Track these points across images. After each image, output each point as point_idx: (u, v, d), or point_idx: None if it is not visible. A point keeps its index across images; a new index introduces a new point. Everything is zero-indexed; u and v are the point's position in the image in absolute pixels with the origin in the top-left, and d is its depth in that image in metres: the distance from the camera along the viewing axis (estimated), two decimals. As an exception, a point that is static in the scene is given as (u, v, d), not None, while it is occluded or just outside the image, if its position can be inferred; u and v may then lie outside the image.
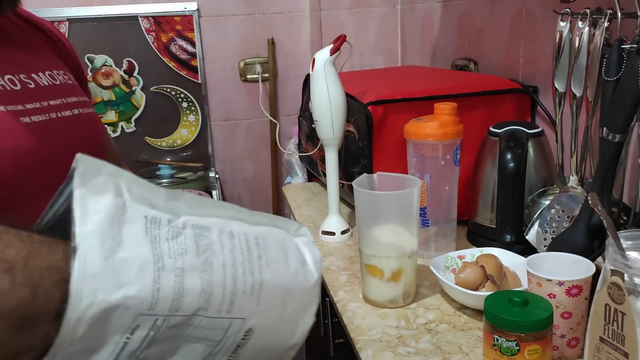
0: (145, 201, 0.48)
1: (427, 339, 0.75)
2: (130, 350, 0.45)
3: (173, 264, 0.46)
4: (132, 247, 0.45)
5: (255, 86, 2.02)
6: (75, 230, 0.42)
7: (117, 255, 0.44)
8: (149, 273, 0.45)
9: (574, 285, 0.66)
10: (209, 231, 0.50)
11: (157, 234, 0.46)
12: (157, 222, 0.47)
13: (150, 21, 1.90)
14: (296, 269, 0.57)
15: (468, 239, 1.06)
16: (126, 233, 0.45)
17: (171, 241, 0.47)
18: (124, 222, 0.45)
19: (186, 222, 0.49)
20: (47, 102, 0.68)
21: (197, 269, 0.48)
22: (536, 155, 0.97)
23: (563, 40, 0.89)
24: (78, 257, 0.41)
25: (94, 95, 1.91)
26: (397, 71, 1.54)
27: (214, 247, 0.50)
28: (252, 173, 2.12)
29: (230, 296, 0.50)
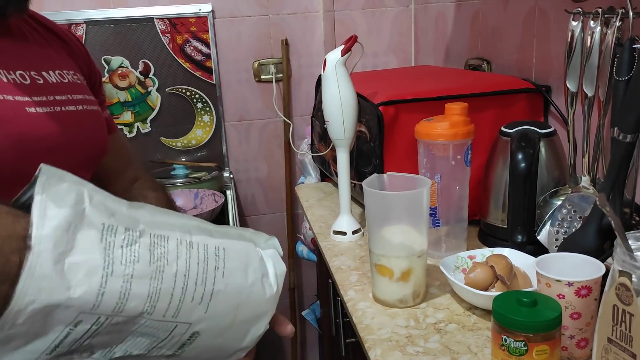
0: (105, 209, 0.51)
1: (436, 339, 0.75)
2: (73, 339, 0.49)
3: (123, 270, 0.49)
4: (84, 252, 0.48)
5: (269, 86, 2.03)
6: (32, 233, 0.45)
7: (68, 259, 0.47)
8: (96, 278, 0.48)
9: (583, 285, 0.66)
10: (166, 241, 0.53)
11: (112, 241, 0.49)
12: (113, 230, 0.50)
13: (166, 23, 1.92)
14: (253, 282, 0.60)
15: (479, 239, 1.06)
16: (81, 238, 0.48)
17: (125, 248, 0.50)
18: (80, 228, 0.48)
19: (144, 230, 0.52)
20: (54, 97, 0.73)
21: (147, 277, 0.51)
22: (548, 155, 0.97)
23: (575, 39, 0.88)
24: (30, 257, 0.45)
25: (110, 97, 1.94)
26: (410, 71, 1.54)
27: (169, 257, 0.53)
28: (266, 173, 2.13)
29: (177, 303, 0.53)
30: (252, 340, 0.61)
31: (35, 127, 0.69)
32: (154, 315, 0.52)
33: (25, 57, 0.74)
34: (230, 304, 0.58)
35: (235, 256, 0.59)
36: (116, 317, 0.49)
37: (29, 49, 0.76)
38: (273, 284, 0.62)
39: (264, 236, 0.66)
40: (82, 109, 0.77)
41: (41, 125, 0.70)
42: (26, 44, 0.76)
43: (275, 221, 2.18)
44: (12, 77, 0.69)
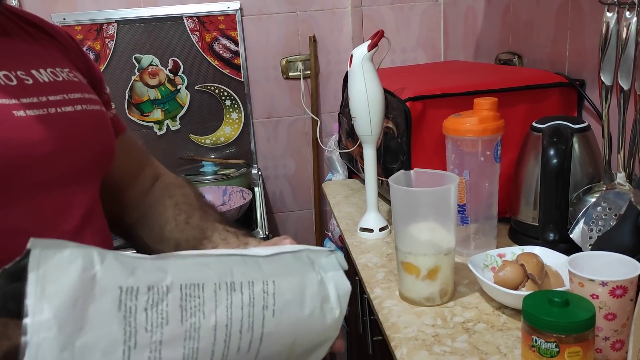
0: (121, 268, 0.43)
1: (464, 339, 0.74)
2: None
3: (149, 338, 0.42)
4: (98, 327, 0.40)
5: (297, 83, 2.03)
6: (27, 322, 0.38)
7: (78, 341, 0.39)
8: (116, 355, 0.41)
9: (618, 285, 0.64)
10: (201, 289, 0.46)
11: (132, 305, 0.42)
12: (133, 291, 0.43)
13: (195, 21, 1.93)
14: (312, 311, 0.54)
15: (510, 237, 1.03)
16: (93, 312, 0.40)
17: (150, 311, 0.43)
18: (91, 299, 0.41)
19: (172, 284, 0.45)
20: (46, 97, 0.66)
21: (179, 339, 0.44)
22: (582, 151, 0.94)
23: (610, 31, 0.85)
24: (29, 352, 0.37)
25: (140, 95, 1.96)
26: (438, 66, 1.52)
27: (205, 308, 0.46)
28: (294, 170, 2.13)
29: (220, 358, 0.47)
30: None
31: (25, 132, 0.61)
32: None
33: (9, 56, 0.66)
34: (285, 342, 0.52)
35: (288, 287, 0.52)
36: None
37: (14, 47, 0.68)
38: (335, 308, 0.56)
39: (324, 252, 0.58)
40: (81, 109, 0.70)
41: (32, 130, 0.62)
42: (9, 42, 0.68)
43: (303, 218, 2.19)
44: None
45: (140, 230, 0.83)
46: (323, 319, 0.55)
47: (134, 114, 1.99)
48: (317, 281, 0.55)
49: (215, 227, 0.78)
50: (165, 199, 0.83)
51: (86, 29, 1.88)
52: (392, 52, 1.94)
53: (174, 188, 0.85)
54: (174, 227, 0.79)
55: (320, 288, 0.55)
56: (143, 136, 2.00)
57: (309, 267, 0.56)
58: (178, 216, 0.80)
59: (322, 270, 0.56)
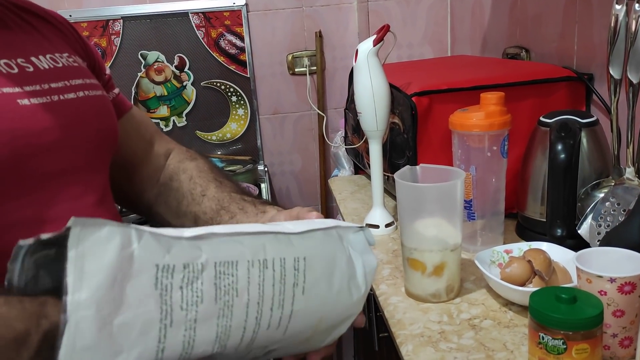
0: (158, 246, 0.43)
1: (471, 335, 0.73)
2: None
3: (184, 316, 0.43)
4: (135, 306, 0.41)
5: (303, 79, 2.03)
6: (67, 300, 0.38)
7: (116, 320, 0.40)
8: (153, 333, 0.42)
9: (626, 282, 0.63)
10: (235, 267, 0.47)
11: (168, 283, 0.43)
12: (169, 269, 0.43)
13: (200, 17, 1.93)
14: (339, 288, 0.54)
15: (517, 233, 1.02)
16: (130, 291, 0.41)
17: (185, 289, 0.43)
18: (129, 277, 0.41)
19: (207, 262, 0.45)
20: (48, 85, 0.65)
21: (213, 316, 0.45)
22: (590, 145, 0.93)
23: (619, 24, 0.84)
24: (67, 330, 0.38)
25: (147, 91, 1.97)
26: (445, 61, 1.50)
27: (238, 286, 0.46)
28: (301, 166, 2.12)
29: (251, 335, 0.48)
30: (331, 341, 0.57)
31: (31, 121, 0.61)
32: (226, 351, 0.47)
33: (9, 45, 0.65)
34: (312, 319, 0.53)
35: (318, 264, 0.52)
36: None
37: (12, 35, 0.67)
38: (361, 285, 0.56)
39: (353, 227, 0.58)
40: (83, 96, 0.69)
41: (37, 118, 0.61)
42: (7, 32, 0.67)
43: (310, 214, 2.18)
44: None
45: (159, 207, 0.84)
46: (349, 296, 0.55)
47: (140, 111, 1.99)
48: (345, 258, 0.55)
49: (232, 197, 0.79)
50: (179, 174, 0.84)
51: (92, 25, 1.88)
52: (398, 47, 1.93)
53: (187, 162, 0.85)
54: (191, 200, 0.81)
55: (348, 265, 0.55)
56: (149, 133, 2.00)
57: (338, 244, 0.56)
58: (194, 190, 0.81)
59: (350, 247, 0.57)
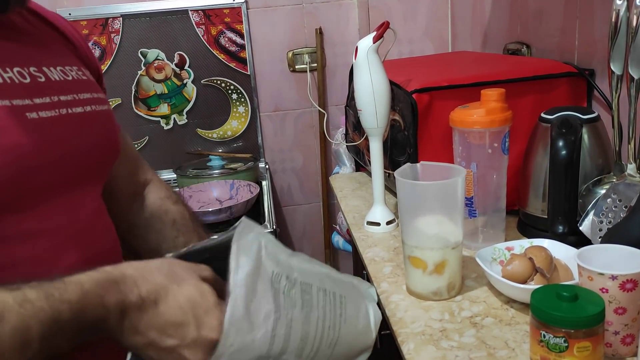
0: (274, 258, 0.57)
1: (472, 333, 0.73)
2: None
3: (285, 315, 0.55)
4: (262, 297, 0.54)
5: (303, 76, 2.02)
6: (230, 278, 0.53)
7: (252, 304, 0.53)
8: (270, 321, 0.54)
9: (628, 279, 0.63)
10: (311, 288, 0.59)
11: (277, 287, 0.56)
12: (278, 277, 0.56)
13: (200, 14, 1.93)
14: (363, 329, 0.66)
15: (518, 230, 1.02)
16: (259, 285, 0.54)
17: (286, 295, 0.56)
18: (259, 275, 0.55)
19: (297, 278, 0.58)
20: (58, 97, 0.65)
21: (300, 321, 0.57)
22: (591, 141, 0.93)
23: (620, 19, 0.84)
24: (231, 301, 0.52)
25: (147, 89, 1.96)
26: (446, 57, 1.50)
27: (313, 303, 0.59)
28: (302, 163, 2.12)
29: (317, 345, 0.59)
30: None
31: (38, 136, 0.60)
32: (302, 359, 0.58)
33: (22, 53, 0.65)
34: (347, 348, 0.64)
35: (351, 305, 0.64)
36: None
37: (25, 43, 0.67)
38: (372, 331, 0.67)
39: (365, 284, 0.73)
40: (90, 110, 0.69)
41: (45, 133, 0.61)
42: (21, 38, 0.67)
43: (311, 212, 2.18)
44: (8, 75, 0.60)
45: (134, 241, 0.84)
46: (366, 338, 0.67)
47: (140, 109, 1.99)
48: (365, 305, 0.68)
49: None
50: (162, 215, 0.84)
51: (92, 23, 1.88)
52: (399, 43, 1.92)
53: (169, 203, 0.85)
54: (172, 247, 0.81)
55: (366, 312, 0.67)
56: (150, 131, 2.00)
57: (360, 294, 0.68)
58: (176, 239, 0.82)
59: (365, 296, 0.69)
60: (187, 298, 0.55)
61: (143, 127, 2.00)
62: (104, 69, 1.93)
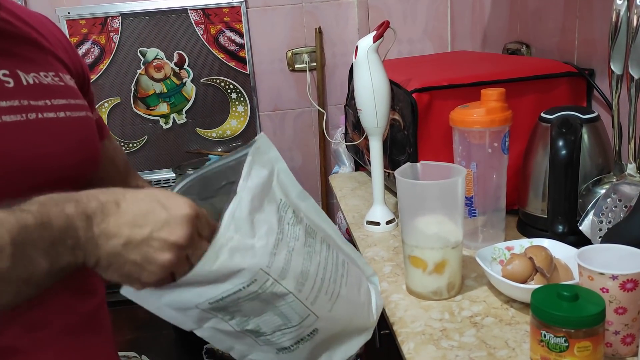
0: (284, 188, 0.60)
1: (472, 333, 0.73)
2: (237, 297, 0.54)
3: (287, 242, 0.56)
4: (267, 214, 0.56)
5: (303, 76, 2.02)
6: (239, 182, 0.55)
7: (256, 215, 0.55)
8: (272, 238, 0.55)
9: (629, 279, 0.63)
10: (315, 235, 0.61)
11: (283, 215, 0.57)
12: (286, 207, 0.58)
13: (200, 14, 1.92)
14: (364, 302, 0.67)
15: (518, 230, 1.02)
16: (266, 203, 0.56)
17: (290, 226, 0.58)
18: (267, 194, 0.57)
19: (303, 218, 0.60)
20: (28, 102, 0.62)
21: (301, 256, 0.58)
22: (591, 141, 0.93)
23: (620, 19, 0.84)
24: (234, 200, 0.53)
25: (146, 88, 1.96)
26: (445, 57, 1.50)
27: (316, 248, 0.60)
28: (301, 162, 2.12)
29: (317, 290, 0.59)
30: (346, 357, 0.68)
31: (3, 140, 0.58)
32: (301, 295, 0.58)
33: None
34: (347, 313, 0.64)
35: (353, 274, 0.66)
36: (277, 286, 0.55)
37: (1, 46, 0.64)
38: (374, 314, 0.69)
39: (370, 269, 0.74)
40: (64, 116, 0.66)
41: (9, 137, 0.59)
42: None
43: (310, 211, 2.18)
44: None
45: None
46: (368, 315, 0.68)
47: (139, 108, 1.98)
48: (366, 284, 0.69)
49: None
50: None
51: (90, 22, 1.87)
52: (398, 43, 1.92)
53: None
54: None
55: (368, 291, 0.69)
56: (149, 130, 2.00)
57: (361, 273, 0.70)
58: None
59: (368, 280, 0.71)
60: (145, 194, 0.55)
61: (142, 126, 1.99)
62: (102, 68, 1.92)
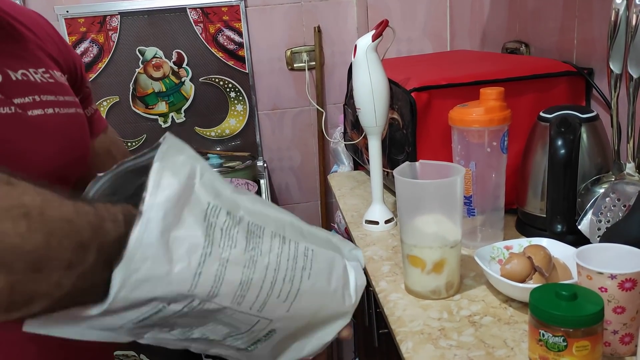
0: (212, 189, 0.50)
1: (471, 332, 0.73)
2: (163, 315, 0.48)
3: (220, 253, 0.48)
4: (188, 228, 0.46)
5: (302, 75, 2.02)
6: (145, 198, 0.44)
7: (172, 232, 0.45)
8: (195, 256, 0.46)
9: (627, 278, 0.63)
10: (262, 231, 0.52)
11: (214, 221, 0.48)
12: (216, 211, 0.49)
13: (198, 12, 1.92)
14: (335, 288, 0.60)
15: (517, 229, 1.02)
16: (187, 214, 0.46)
17: (225, 231, 0.49)
18: (188, 203, 0.47)
19: (243, 217, 0.51)
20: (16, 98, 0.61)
21: (241, 264, 0.49)
22: (590, 141, 0.93)
23: (619, 18, 0.83)
24: (141, 222, 0.44)
25: (145, 87, 1.96)
26: (444, 56, 1.50)
27: (262, 247, 0.52)
28: (300, 162, 2.12)
29: (264, 298, 0.52)
30: (314, 348, 0.62)
31: None
32: (242, 307, 0.51)
33: None
34: (311, 307, 0.57)
35: (322, 260, 0.58)
36: (208, 304, 0.48)
37: None
38: (352, 295, 0.62)
39: (349, 245, 0.66)
40: (51, 113, 0.65)
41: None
42: None
43: (309, 210, 2.18)
44: None
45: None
46: (342, 300, 0.60)
47: (138, 107, 1.98)
48: (342, 265, 0.61)
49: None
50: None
51: (89, 21, 1.87)
52: (397, 42, 1.92)
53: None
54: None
55: (344, 273, 0.61)
56: (148, 129, 2.00)
57: (337, 251, 0.62)
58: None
59: (346, 258, 0.62)
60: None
61: (141, 125, 1.99)
62: (101, 66, 1.92)
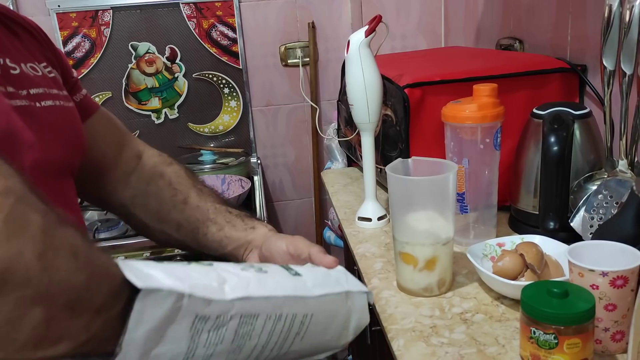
0: (202, 301, 0.50)
1: (462, 330, 0.73)
2: None
3: (204, 352, 0.51)
4: (170, 343, 0.48)
5: (296, 71, 2.01)
6: (123, 339, 0.45)
7: (153, 351, 0.47)
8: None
9: (619, 276, 0.62)
10: (255, 319, 0.54)
11: (200, 327, 0.50)
12: (204, 318, 0.50)
13: (192, 7, 1.91)
14: (331, 337, 0.63)
15: (510, 226, 1.02)
16: (171, 332, 0.48)
17: (212, 332, 0.51)
18: (173, 322, 0.48)
19: (235, 314, 0.52)
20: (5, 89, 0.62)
21: (225, 353, 0.53)
22: (583, 137, 0.92)
23: (612, 14, 0.83)
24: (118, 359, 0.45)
25: (138, 83, 1.94)
26: (438, 52, 1.49)
27: (253, 333, 0.54)
28: (294, 158, 2.11)
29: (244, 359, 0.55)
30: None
31: None
32: None
33: None
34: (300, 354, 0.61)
35: (322, 319, 0.60)
36: None
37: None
38: (350, 335, 0.64)
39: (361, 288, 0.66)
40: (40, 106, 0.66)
41: None
42: None
43: (303, 207, 2.17)
44: None
45: (137, 210, 0.84)
46: (337, 341, 0.64)
47: (131, 103, 1.97)
48: (345, 315, 0.63)
49: (217, 208, 0.80)
50: (157, 179, 0.84)
51: (81, 15, 1.85)
52: (391, 38, 1.91)
53: (163, 166, 0.86)
54: (172, 207, 0.81)
55: (345, 320, 0.63)
56: (141, 125, 1.98)
57: (343, 303, 0.63)
58: (175, 197, 0.82)
59: (352, 306, 0.64)
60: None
61: (134, 121, 1.98)
62: (93, 62, 1.91)
